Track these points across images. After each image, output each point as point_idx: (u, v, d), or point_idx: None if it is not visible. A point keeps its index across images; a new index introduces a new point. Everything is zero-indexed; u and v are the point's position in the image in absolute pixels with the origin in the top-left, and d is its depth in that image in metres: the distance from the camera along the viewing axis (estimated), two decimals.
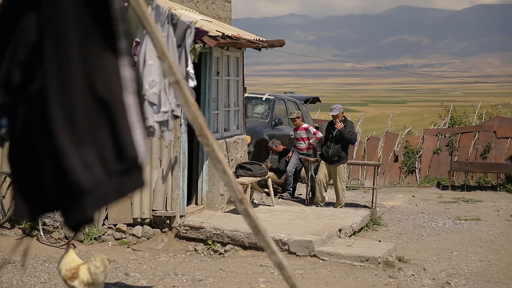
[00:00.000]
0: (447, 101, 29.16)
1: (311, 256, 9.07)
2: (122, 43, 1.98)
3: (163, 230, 9.83)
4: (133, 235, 9.74)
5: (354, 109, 61.43)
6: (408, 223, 12.53)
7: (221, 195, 10.94)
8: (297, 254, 9.10)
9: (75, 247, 9.28)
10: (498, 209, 14.62)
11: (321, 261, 8.95)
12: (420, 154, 20.12)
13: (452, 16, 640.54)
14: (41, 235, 9.32)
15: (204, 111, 10.80)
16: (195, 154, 10.97)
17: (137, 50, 4.93)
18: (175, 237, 9.75)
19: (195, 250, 9.51)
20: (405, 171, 20.14)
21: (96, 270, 5.44)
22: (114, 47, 1.97)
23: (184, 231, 9.72)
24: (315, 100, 18.87)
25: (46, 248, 9.14)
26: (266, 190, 13.19)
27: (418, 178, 19.98)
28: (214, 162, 2.08)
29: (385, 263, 8.90)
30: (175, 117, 5.63)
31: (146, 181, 2.04)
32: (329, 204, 13.39)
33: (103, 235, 9.67)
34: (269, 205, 12.12)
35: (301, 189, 15.33)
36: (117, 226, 9.77)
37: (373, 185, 14.46)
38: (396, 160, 20.25)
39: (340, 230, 10.14)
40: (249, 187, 11.55)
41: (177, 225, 9.77)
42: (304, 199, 13.97)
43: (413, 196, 16.69)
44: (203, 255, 9.39)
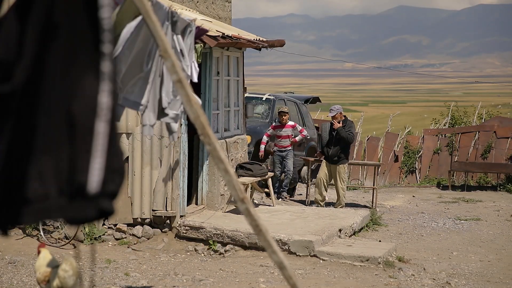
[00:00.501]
0: (448, 101, 29.19)
1: (311, 256, 9.07)
2: (106, 67, 1.92)
3: (163, 230, 9.83)
4: (133, 235, 9.74)
5: (354, 109, 61.43)
6: (408, 223, 12.53)
7: (221, 195, 10.94)
8: (297, 254, 9.10)
9: (75, 247, 9.28)
10: (498, 209, 14.61)
11: (321, 261, 8.95)
12: (420, 154, 20.12)
13: (452, 16, 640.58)
14: (41, 235, 9.32)
15: (204, 111, 10.80)
16: (195, 154, 10.97)
17: None
18: (175, 237, 9.75)
19: (195, 250, 9.51)
20: (405, 171, 20.14)
21: (64, 274, 5.42)
22: (97, 71, 1.91)
23: (184, 231, 9.72)
24: (315, 100, 18.87)
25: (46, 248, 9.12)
26: (266, 190, 13.19)
27: (418, 178, 19.98)
28: (216, 161, 2.07)
29: (385, 263, 8.90)
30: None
31: (94, 212, 1.93)
32: (329, 204, 13.39)
33: (103, 235, 9.67)
34: (269, 205, 12.12)
35: (301, 189, 15.34)
36: (117, 226, 9.77)
37: (373, 185, 14.46)
38: (396, 160, 20.24)
39: (340, 230, 10.14)
40: (249, 187, 11.55)
41: (177, 225, 9.77)
42: (304, 199, 13.97)
43: (413, 196, 16.69)
44: (203, 255, 9.38)
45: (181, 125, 9.88)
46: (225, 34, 10.16)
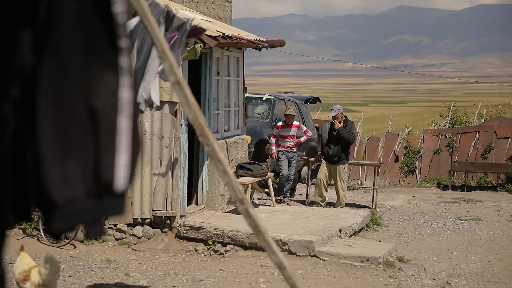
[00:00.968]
0: (448, 101, 29.17)
1: (312, 256, 9.07)
2: (124, 61, 1.92)
3: (163, 230, 9.83)
4: (134, 235, 9.74)
5: (354, 109, 61.44)
6: (408, 223, 12.53)
7: (221, 195, 10.94)
8: (297, 254, 9.10)
9: (75, 247, 9.28)
10: (498, 209, 14.61)
11: (321, 261, 8.95)
12: (420, 154, 20.12)
13: (452, 16, 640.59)
14: (41, 235, 9.33)
15: (204, 111, 10.81)
16: (195, 154, 10.98)
17: None
18: (175, 237, 9.75)
19: (196, 250, 9.51)
20: (405, 171, 20.14)
21: (45, 271, 5.45)
22: (116, 66, 1.91)
23: (184, 231, 9.72)
24: (315, 100, 18.87)
25: (46, 248, 9.14)
26: (266, 190, 13.19)
27: (418, 178, 19.98)
28: (214, 162, 2.07)
29: (385, 263, 8.90)
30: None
31: (121, 208, 1.93)
32: (329, 204, 13.39)
33: (103, 235, 9.67)
34: (269, 205, 12.12)
35: (301, 189, 15.34)
36: (118, 226, 9.77)
37: (374, 185, 14.46)
38: (396, 160, 20.24)
39: (340, 230, 10.14)
40: (250, 187, 11.55)
41: (178, 225, 9.77)
42: (304, 199, 13.97)
43: (414, 196, 16.69)
44: (203, 255, 9.39)
45: (181, 125, 9.89)
46: (225, 34, 10.16)
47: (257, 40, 11.44)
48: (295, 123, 13.49)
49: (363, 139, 21.45)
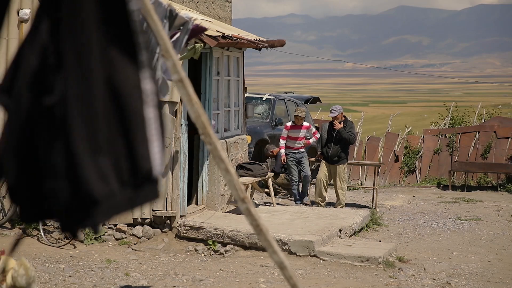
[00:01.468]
0: (448, 101, 29.16)
1: (312, 256, 9.07)
2: (143, 55, 2.00)
3: (163, 230, 9.83)
4: (134, 235, 9.74)
5: (354, 109, 61.45)
6: (408, 223, 12.53)
7: (222, 195, 10.94)
8: (297, 254, 9.10)
9: (75, 247, 9.28)
10: (498, 209, 14.61)
11: (321, 261, 8.95)
12: (420, 154, 20.12)
13: (452, 16, 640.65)
14: (41, 235, 9.32)
15: (204, 111, 10.80)
16: (195, 154, 10.98)
17: None
18: (175, 237, 9.75)
19: (196, 250, 9.51)
20: (405, 171, 20.13)
21: (15, 274, 5.49)
22: (135, 60, 1.99)
23: (184, 231, 9.72)
24: (316, 100, 18.88)
25: (46, 248, 9.14)
26: (266, 190, 13.19)
27: (418, 178, 19.98)
28: (217, 160, 2.08)
29: (385, 263, 8.90)
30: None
31: (160, 193, 2.07)
32: (329, 204, 13.39)
33: (104, 235, 9.67)
34: (269, 205, 12.12)
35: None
36: (118, 226, 9.77)
37: (374, 185, 14.45)
38: (396, 160, 20.24)
39: (340, 230, 10.14)
40: (250, 187, 11.55)
41: (178, 225, 9.77)
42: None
43: (414, 196, 16.69)
44: (203, 255, 9.39)
45: (181, 125, 9.89)
46: (225, 34, 10.16)
47: (257, 40, 11.44)
48: (305, 124, 13.24)
49: (363, 139, 21.45)
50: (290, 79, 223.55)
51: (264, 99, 15.77)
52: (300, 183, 13.54)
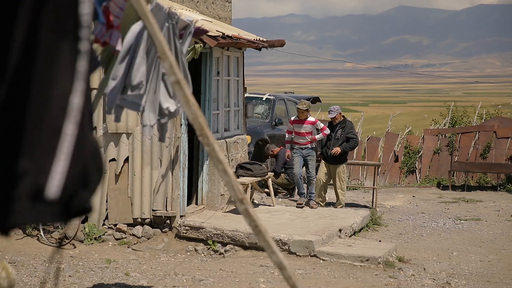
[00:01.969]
0: (448, 101, 29.16)
1: (311, 256, 9.07)
2: (81, 66, 1.85)
3: (163, 230, 9.83)
4: (133, 235, 9.74)
5: (354, 109, 61.45)
6: (408, 223, 12.53)
7: (221, 195, 10.94)
8: (297, 254, 9.11)
9: (75, 247, 9.29)
10: (498, 209, 14.61)
11: (321, 261, 8.95)
12: (420, 154, 20.11)
13: (452, 16, 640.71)
14: (41, 235, 9.32)
15: (204, 111, 10.81)
16: (195, 154, 10.98)
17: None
18: (175, 237, 9.75)
19: (195, 250, 9.51)
20: (405, 171, 20.13)
21: None
22: (73, 69, 1.84)
23: (184, 231, 9.72)
24: (316, 100, 18.87)
25: (46, 248, 9.14)
26: (266, 190, 13.18)
27: (418, 178, 19.97)
28: (214, 162, 2.08)
29: (385, 263, 8.90)
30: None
31: (54, 217, 1.88)
32: (329, 204, 13.38)
33: (103, 235, 9.67)
34: (269, 205, 12.12)
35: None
36: (117, 226, 9.77)
37: (374, 185, 14.45)
38: (396, 160, 20.23)
39: (340, 230, 10.14)
40: (249, 187, 11.55)
41: (177, 225, 9.77)
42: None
43: (413, 196, 16.69)
44: (203, 255, 9.39)
45: (181, 125, 9.89)
46: (225, 34, 10.17)
47: (257, 40, 11.44)
48: (310, 119, 12.51)
49: (363, 139, 21.44)
50: (290, 79, 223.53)
51: (264, 99, 15.77)
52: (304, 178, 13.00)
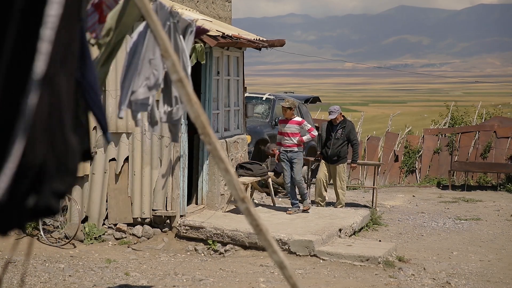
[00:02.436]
0: (448, 100, 29.15)
1: (311, 255, 9.07)
2: (38, 67, 1.81)
3: (163, 229, 9.83)
4: (133, 234, 9.74)
5: (354, 109, 61.44)
6: (408, 223, 12.53)
7: (221, 195, 10.94)
8: (297, 253, 9.11)
9: (75, 247, 9.28)
10: (498, 209, 14.61)
11: (321, 261, 8.95)
12: (420, 154, 20.12)
13: (452, 16, 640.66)
14: (41, 235, 9.32)
15: (204, 111, 10.80)
16: (195, 154, 10.98)
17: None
18: (175, 237, 9.75)
19: (195, 249, 9.51)
20: (405, 171, 20.13)
21: None
22: (30, 69, 1.80)
23: (184, 231, 9.72)
24: (315, 100, 18.87)
25: (46, 247, 9.14)
26: (266, 190, 13.18)
27: (418, 178, 19.97)
28: (216, 160, 2.07)
29: (385, 263, 8.90)
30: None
31: None
32: (329, 204, 13.38)
33: (103, 234, 9.67)
34: (269, 205, 12.12)
35: None
36: (117, 225, 9.77)
37: (373, 185, 14.45)
38: (396, 160, 20.23)
39: (340, 230, 10.14)
40: (250, 187, 11.54)
41: (177, 225, 9.77)
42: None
43: (413, 196, 16.69)
44: (203, 254, 9.39)
45: (181, 124, 9.89)
46: (225, 34, 10.17)
47: (257, 39, 11.44)
48: (296, 119, 11.46)
49: (363, 139, 21.44)
50: (290, 78, 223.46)
51: (264, 98, 15.77)
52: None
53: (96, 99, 2.55)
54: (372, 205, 13.92)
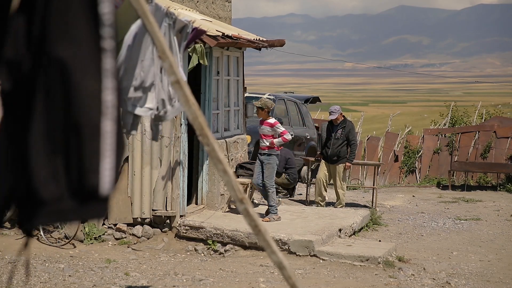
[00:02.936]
0: (448, 100, 29.15)
1: (311, 256, 9.07)
2: (108, 64, 1.88)
3: (163, 230, 9.83)
4: (133, 234, 9.74)
5: (354, 109, 61.45)
6: (408, 223, 12.53)
7: (221, 195, 10.94)
8: (297, 254, 9.11)
9: (75, 247, 9.28)
10: (498, 209, 14.62)
11: (321, 261, 8.95)
12: (420, 154, 20.12)
13: (452, 16, 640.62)
14: (41, 235, 9.32)
15: (204, 111, 10.80)
16: (195, 154, 10.97)
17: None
18: (175, 237, 9.75)
19: (195, 250, 9.51)
20: (405, 171, 20.14)
21: None
22: (99, 68, 1.88)
23: (184, 231, 9.72)
24: (315, 100, 18.88)
25: (46, 247, 9.14)
26: None
27: (418, 178, 19.98)
28: (214, 161, 2.08)
29: (385, 263, 8.90)
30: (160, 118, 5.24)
31: (105, 212, 1.94)
32: (329, 204, 13.39)
33: (103, 234, 9.67)
34: None
35: (301, 189, 15.33)
36: (117, 225, 9.77)
37: (373, 185, 14.46)
38: (396, 160, 20.24)
39: (340, 230, 10.14)
40: (249, 187, 11.54)
41: (177, 225, 9.77)
42: (304, 199, 13.96)
43: (413, 196, 16.69)
44: (203, 255, 9.39)
45: (181, 125, 9.89)
46: (225, 34, 10.16)
47: (257, 39, 11.44)
48: (269, 120, 10.69)
49: (363, 139, 21.45)
50: (290, 78, 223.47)
51: None
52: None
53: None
54: (372, 205, 13.93)
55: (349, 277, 8.37)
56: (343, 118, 13.05)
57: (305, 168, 15.59)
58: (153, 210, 9.74)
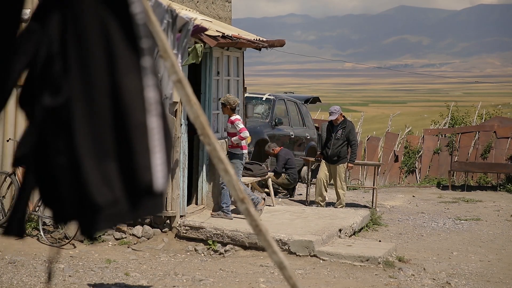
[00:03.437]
0: (448, 101, 29.15)
1: (311, 256, 9.07)
2: (146, 62, 1.94)
3: (163, 230, 9.83)
4: (133, 235, 9.74)
5: (354, 109, 61.46)
6: (408, 223, 12.53)
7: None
8: (297, 254, 9.10)
9: (75, 247, 9.28)
10: (498, 209, 14.62)
11: (321, 261, 8.95)
12: (420, 154, 20.12)
13: (452, 16, 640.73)
14: (41, 235, 9.32)
15: (204, 111, 10.80)
16: (195, 154, 10.97)
17: None
18: (175, 237, 9.75)
19: (195, 250, 9.51)
20: (405, 171, 20.14)
21: None
22: (138, 66, 1.93)
23: (184, 231, 9.72)
24: (315, 100, 18.88)
25: (46, 248, 9.13)
26: (266, 190, 13.19)
27: (418, 178, 19.98)
28: (215, 161, 2.08)
29: (385, 263, 8.90)
30: None
31: (161, 207, 2.00)
32: (329, 204, 13.39)
33: (103, 235, 9.67)
34: (269, 205, 12.12)
35: (301, 189, 15.33)
36: (117, 226, 9.77)
37: (373, 185, 14.46)
38: (396, 160, 20.24)
39: (340, 230, 10.14)
40: (249, 187, 11.55)
41: (177, 225, 9.77)
42: (304, 199, 13.96)
43: (413, 196, 16.69)
44: (203, 255, 9.39)
45: (181, 125, 9.88)
46: (225, 34, 10.16)
47: (257, 40, 11.44)
48: (232, 117, 10.34)
49: (363, 139, 21.45)
50: (290, 79, 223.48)
51: (264, 99, 15.77)
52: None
53: None
54: (372, 205, 13.93)
55: (349, 277, 8.37)
56: (343, 118, 13.05)
57: (305, 168, 15.59)
58: None
